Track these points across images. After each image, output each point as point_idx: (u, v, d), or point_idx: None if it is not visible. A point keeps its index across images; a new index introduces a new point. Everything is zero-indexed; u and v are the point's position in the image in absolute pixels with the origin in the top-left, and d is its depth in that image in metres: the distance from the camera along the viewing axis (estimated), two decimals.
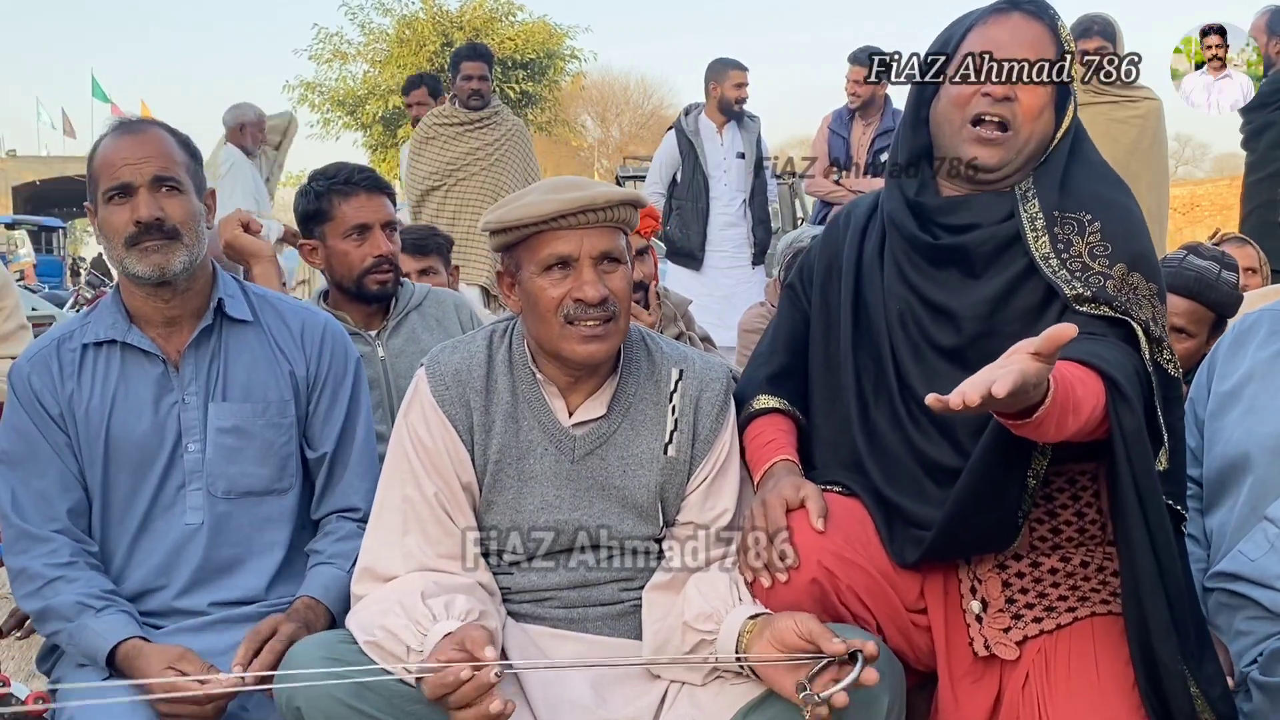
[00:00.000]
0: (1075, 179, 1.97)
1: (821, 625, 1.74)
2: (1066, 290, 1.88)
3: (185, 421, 2.15)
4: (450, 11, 23.90)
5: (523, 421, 1.97)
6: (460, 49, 6.43)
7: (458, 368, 1.97)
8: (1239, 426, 2.20)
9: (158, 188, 2.10)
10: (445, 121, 6.01)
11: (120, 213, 2.09)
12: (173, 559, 2.13)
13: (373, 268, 2.85)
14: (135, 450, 2.13)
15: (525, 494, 1.96)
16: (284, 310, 2.31)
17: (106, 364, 2.16)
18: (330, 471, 2.26)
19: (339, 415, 2.27)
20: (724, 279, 6.17)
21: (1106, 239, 1.90)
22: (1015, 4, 1.99)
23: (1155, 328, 1.89)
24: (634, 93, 39.95)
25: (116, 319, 2.17)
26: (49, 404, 2.13)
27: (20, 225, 25.85)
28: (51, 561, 2.05)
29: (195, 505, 2.14)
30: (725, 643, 1.83)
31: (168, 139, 2.16)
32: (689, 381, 2.00)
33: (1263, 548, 2.08)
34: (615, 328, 1.91)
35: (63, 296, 15.35)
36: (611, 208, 1.87)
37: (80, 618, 2.00)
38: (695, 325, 3.90)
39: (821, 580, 1.88)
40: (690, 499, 2.00)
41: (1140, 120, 5.22)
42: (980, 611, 1.98)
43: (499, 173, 5.90)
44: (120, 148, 2.11)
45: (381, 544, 1.94)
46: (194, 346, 2.17)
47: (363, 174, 2.91)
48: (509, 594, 1.98)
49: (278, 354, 2.24)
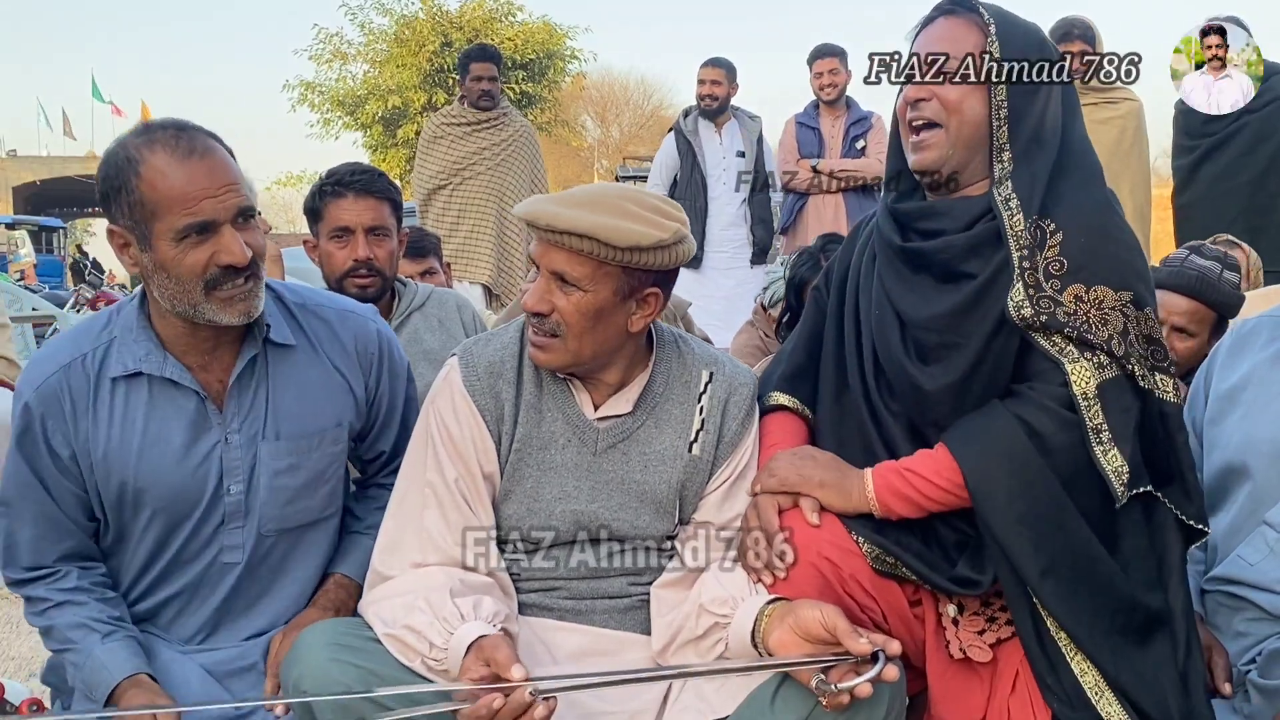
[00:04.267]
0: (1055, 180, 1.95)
1: (847, 621, 1.74)
2: (1014, 314, 1.88)
3: (228, 463, 1.93)
4: (450, 11, 23.89)
5: (546, 413, 1.98)
6: (470, 50, 6.44)
7: (491, 360, 1.98)
8: (1237, 431, 2.19)
9: (239, 221, 1.84)
10: (454, 121, 6.04)
11: (198, 253, 1.80)
12: (204, 591, 2.00)
13: (350, 271, 2.84)
14: (166, 495, 1.91)
15: (544, 483, 1.96)
16: (330, 319, 2.09)
17: (128, 397, 1.90)
18: (386, 463, 2.21)
19: (397, 416, 2.20)
20: (724, 280, 6.17)
21: (1064, 254, 1.89)
22: (940, 9, 2.02)
23: (1119, 344, 1.88)
24: (634, 93, 39.99)
25: (150, 349, 1.90)
26: (59, 446, 1.89)
27: (20, 225, 25.89)
28: (57, 588, 1.93)
29: (234, 544, 1.98)
30: (740, 626, 1.84)
31: (230, 159, 1.87)
32: (719, 384, 2.02)
33: (1262, 552, 2.08)
34: (558, 344, 1.90)
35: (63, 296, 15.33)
36: (554, 232, 1.84)
37: (84, 641, 1.87)
38: (695, 327, 3.90)
39: (824, 570, 1.90)
40: (709, 499, 2.01)
41: (1121, 120, 5.23)
42: (956, 615, 2.00)
43: (504, 173, 5.93)
44: (192, 175, 1.79)
45: (403, 525, 1.95)
46: (238, 381, 1.94)
47: (357, 176, 2.87)
48: (517, 580, 1.99)
49: (333, 375, 2.05)
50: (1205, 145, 5.30)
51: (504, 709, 1.61)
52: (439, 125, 6.09)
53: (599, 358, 1.94)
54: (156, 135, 1.82)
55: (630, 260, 1.85)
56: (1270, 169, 5.31)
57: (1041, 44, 1.99)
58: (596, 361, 1.94)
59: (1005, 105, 1.94)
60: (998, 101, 1.94)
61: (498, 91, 6.01)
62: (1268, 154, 5.32)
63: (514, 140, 5.99)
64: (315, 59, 24.37)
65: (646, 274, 1.90)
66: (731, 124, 6.29)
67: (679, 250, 1.89)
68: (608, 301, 1.88)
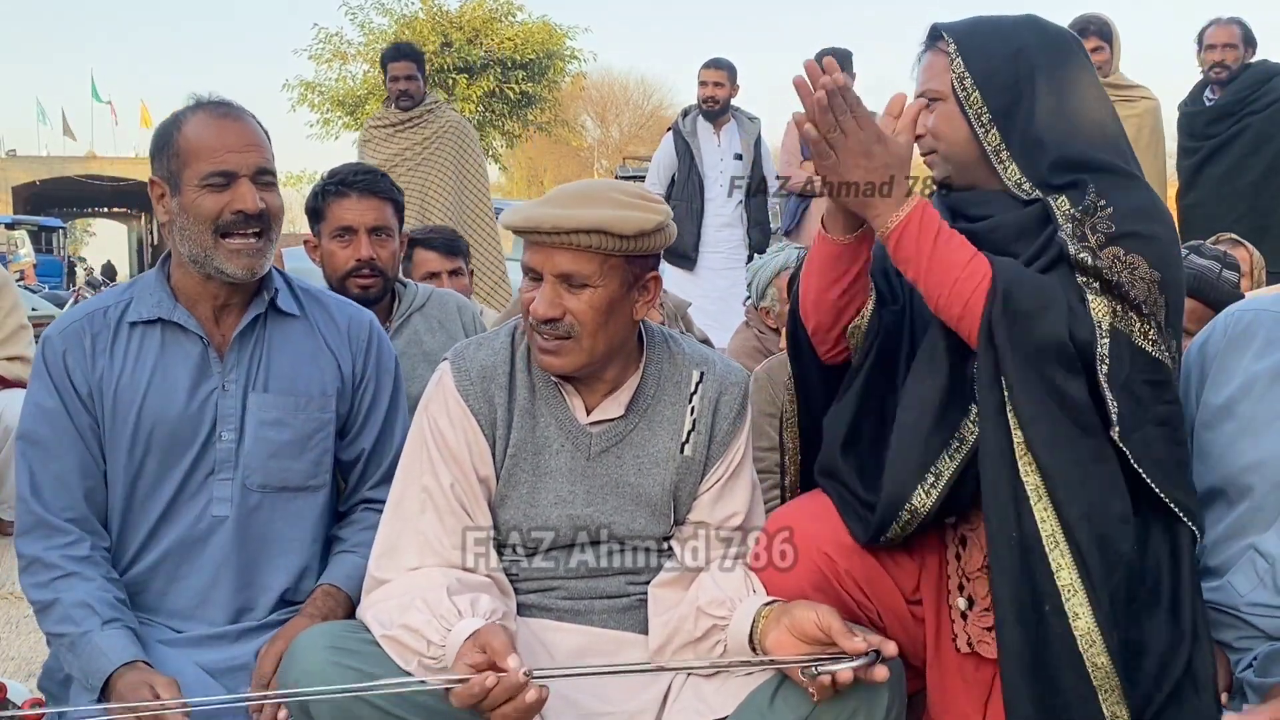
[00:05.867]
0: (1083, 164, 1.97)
1: (842, 622, 1.75)
2: (1072, 252, 1.88)
3: (223, 409, 2.08)
4: (450, 12, 23.89)
5: (540, 417, 1.98)
6: (386, 50, 6.42)
7: (484, 364, 1.99)
8: (1232, 447, 2.12)
9: (259, 180, 2.04)
10: (378, 124, 6.07)
11: (216, 199, 2.01)
12: (195, 550, 2.08)
13: (353, 271, 2.84)
14: (167, 434, 2.06)
15: (540, 488, 1.97)
16: (330, 306, 2.26)
17: (143, 342, 2.08)
18: (365, 468, 2.24)
19: (380, 413, 2.24)
20: (719, 280, 6.18)
21: (1114, 219, 1.91)
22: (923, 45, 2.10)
23: (1145, 308, 1.89)
24: (634, 93, 40.03)
25: (162, 297, 2.09)
26: (79, 382, 2.05)
27: (20, 225, 25.91)
28: (69, 554, 1.99)
29: (223, 496, 2.08)
30: (738, 628, 1.85)
31: (260, 129, 2.10)
32: (709, 383, 2.02)
33: (1253, 582, 2.05)
34: (572, 346, 1.90)
35: (63, 296, 15.37)
36: (560, 234, 1.84)
37: (86, 623, 1.92)
38: (694, 327, 3.90)
39: (823, 567, 1.91)
40: (703, 499, 2.01)
41: (1137, 119, 5.24)
42: (966, 608, 2.00)
43: (426, 172, 5.88)
44: (222, 132, 2.03)
45: (400, 530, 1.95)
46: (241, 335, 2.11)
47: (360, 176, 2.90)
48: (515, 582, 1.99)
49: (324, 349, 2.19)
50: (1208, 146, 5.31)
51: (497, 688, 1.62)
52: (366, 129, 6.13)
53: (610, 353, 1.95)
54: (203, 102, 2.10)
55: (635, 247, 1.87)
56: (1273, 170, 5.32)
57: (1007, 37, 2.01)
58: (608, 357, 1.95)
59: (985, 111, 1.98)
60: (974, 113, 1.99)
61: (418, 90, 5.97)
62: (1270, 155, 5.33)
63: (438, 137, 5.95)
64: (315, 59, 24.40)
65: (646, 259, 1.94)
66: (730, 125, 6.29)
67: (672, 230, 1.94)
68: (617, 293, 1.90)
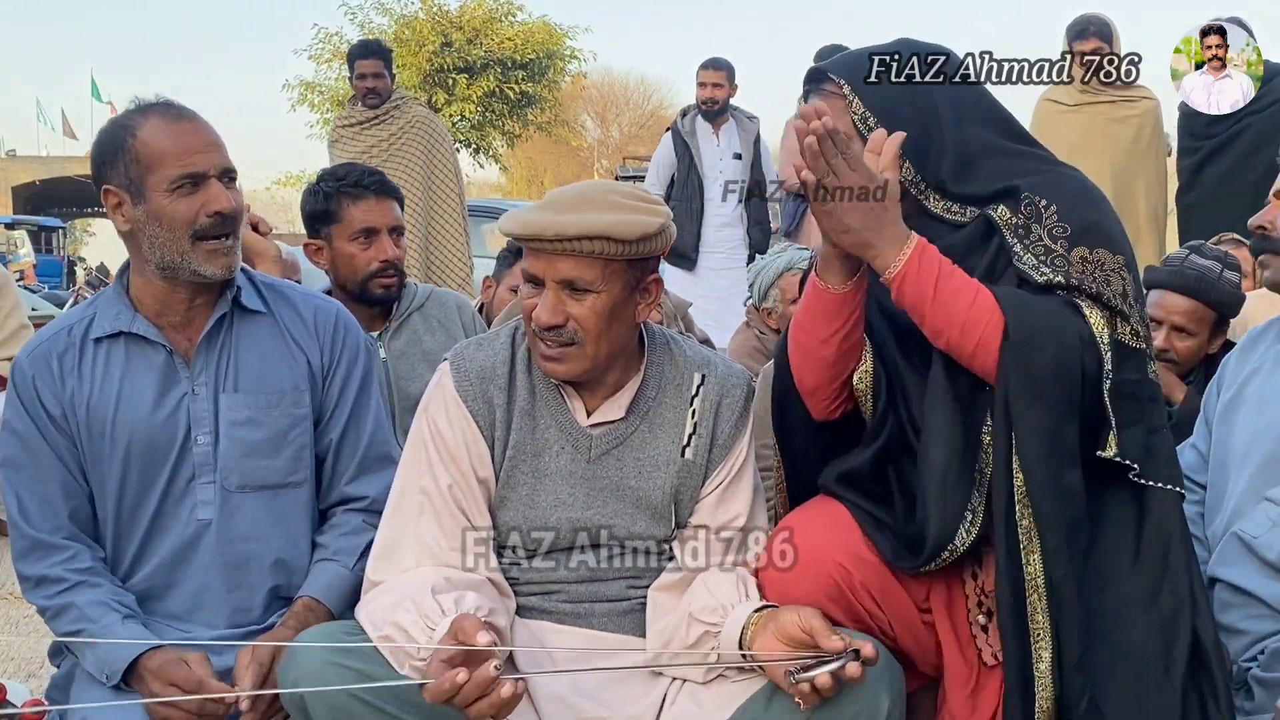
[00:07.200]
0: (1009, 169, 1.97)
1: (823, 622, 1.75)
2: (1038, 278, 1.88)
3: (195, 413, 2.08)
4: (450, 12, 23.88)
5: (540, 419, 1.98)
6: (353, 47, 6.41)
7: (483, 364, 1.98)
8: (1245, 424, 2.21)
9: (224, 179, 2.04)
10: (346, 122, 6.06)
11: (189, 203, 1.99)
12: (187, 554, 2.09)
13: (378, 272, 2.88)
14: (144, 444, 2.07)
15: (539, 491, 1.96)
16: (295, 299, 2.25)
17: (109, 357, 2.09)
18: (337, 459, 2.22)
19: (348, 401, 2.23)
20: (719, 280, 6.17)
21: (1064, 221, 1.90)
22: (805, 89, 2.05)
23: (1123, 303, 1.88)
24: (634, 93, 39.95)
25: (120, 309, 2.10)
26: (50, 404, 2.06)
27: (20, 225, 25.87)
28: (72, 568, 2.03)
29: (206, 499, 2.09)
30: (729, 634, 1.85)
31: (214, 127, 2.09)
32: (710, 386, 2.01)
33: (1264, 525, 2.08)
34: (576, 352, 1.89)
35: (63, 296, 15.35)
36: (563, 240, 1.83)
37: (104, 618, 1.97)
38: (695, 327, 3.89)
39: (837, 578, 1.90)
40: (705, 502, 2.01)
41: (1138, 120, 5.23)
42: (986, 623, 1.99)
43: (393, 167, 5.80)
44: (182, 134, 2.01)
45: (398, 532, 1.95)
46: (208, 337, 2.10)
47: (373, 178, 2.93)
48: (516, 585, 1.99)
49: (291, 344, 2.18)
50: (1208, 147, 5.30)
51: (468, 685, 1.61)
52: (335, 128, 6.13)
53: (613, 357, 1.94)
54: (148, 107, 2.07)
55: (638, 251, 1.86)
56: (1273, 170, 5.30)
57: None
58: (610, 361, 1.95)
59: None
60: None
61: (385, 87, 5.95)
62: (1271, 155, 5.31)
63: (404, 132, 5.94)
64: (315, 59, 24.37)
65: (648, 262, 1.93)
66: (730, 125, 6.29)
67: (672, 231, 1.93)
68: (620, 298, 1.89)
